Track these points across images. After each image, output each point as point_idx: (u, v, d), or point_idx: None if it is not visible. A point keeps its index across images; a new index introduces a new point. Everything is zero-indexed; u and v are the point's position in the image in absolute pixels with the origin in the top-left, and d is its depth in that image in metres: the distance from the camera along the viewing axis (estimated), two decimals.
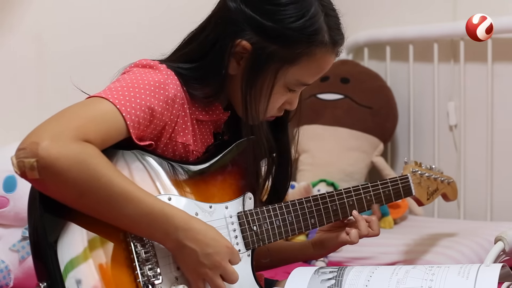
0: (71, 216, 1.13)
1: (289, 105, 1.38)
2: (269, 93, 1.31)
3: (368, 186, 1.51)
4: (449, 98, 2.66)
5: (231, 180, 1.34)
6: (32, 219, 1.14)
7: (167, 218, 1.16)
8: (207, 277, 1.20)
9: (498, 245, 1.47)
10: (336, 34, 1.32)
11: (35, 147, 1.06)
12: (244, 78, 1.30)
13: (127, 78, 1.22)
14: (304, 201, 1.42)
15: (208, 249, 1.18)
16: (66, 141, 1.07)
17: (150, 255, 1.19)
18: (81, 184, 1.09)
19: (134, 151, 1.22)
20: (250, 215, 1.34)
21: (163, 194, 1.23)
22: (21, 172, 1.08)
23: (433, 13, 2.69)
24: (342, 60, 2.84)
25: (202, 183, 1.30)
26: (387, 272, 1.26)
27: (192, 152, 1.31)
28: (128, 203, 1.12)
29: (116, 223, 1.15)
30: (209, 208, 1.29)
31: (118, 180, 1.12)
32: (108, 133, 1.15)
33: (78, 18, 2.13)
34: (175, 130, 1.26)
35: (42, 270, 1.12)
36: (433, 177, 1.74)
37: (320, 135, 2.64)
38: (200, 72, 1.30)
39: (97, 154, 1.11)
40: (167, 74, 1.25)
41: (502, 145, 2.54)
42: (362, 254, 2.13)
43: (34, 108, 2.01)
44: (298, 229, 1.40)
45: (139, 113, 1.18)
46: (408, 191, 1.61)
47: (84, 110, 1.15)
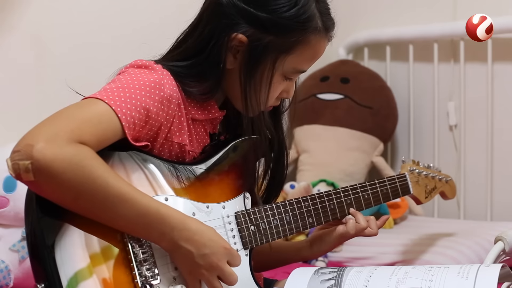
0: (68, 217, 1.13)
1: (286, 94, 1.37)
2: (269, 83, 1.31)
3: (366, 185, 1.51)
4: (449, 98, 2.66)
5: (228, 180, 1.34)
6: (29, 221, 1.14)
7: (162, 219, 1.15)
8: (204, 277, 1.20)
9: (498, 245, 1.47)
10: (328, 19, 1.33)
11: (30, 149, 1.06)
12: (242, 71, 1.30)
13: (122, 79, 1.21)
14: (301, 200, 1.42)
15: (205, 249, 1.18)
16: (61, 143, 1.07)
17: (148, 255, 1.19)
18: (77, 186, 1.08)
19: (130, 152, 1.21)
20: (247, 215, 1.34)
21: (160, 195, 1.23)
22: (16, 174, 1.08)
23: (433, 13, 2.69)
24: (342, 60, 2.84)
25: (199, 183, 1.30)
26: (387, 272, 1.27)
27: (188, 153, 1.31)
28: (123, 204, 1.12)
29: (112, 224, 1.15)
30: (206, 208, 1.29)
31: (113, 182, 1.11)
32: (103, 134, 1.14)
33: (77, 18, 2.13)
34: (171, 130, 1.26)
35: (40, 271, 1.12)
36: (431, 176, 1.74)
37: (320, 135, 2.65)
38: (197, 69, 1.30)
39: (92, 156, 1.11)
40: (162, 74, 1.24)
41: (502, 145, 2.54)
42: (361, 254, 2.13)
43: (34, 108, 2.01)
44: (296, 228, 1.40)
45: (135, 114, 1.17)
46: (406, 190, 1.62)
47: (79, 112, 1.14)
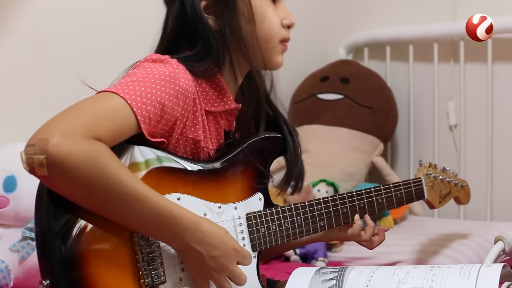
0: (78, 214, 1.13)
1: (286, 19, 1.36)
2: (256, 12, 1.31)
3: (381, 189, 1.50)
4: (449, 98, 2.66)
5: (242, 179, 1.34)
6: (40, 217, 1.14)
7: (175, 219, 1.15)
8: (213, 279, 1.20)
9: (498, 245, 1.47)
10: None
11: (45, 144, 1.05)
12: (225, 19, 1.30)
13: (137, 73, 1.21)
14: (314, 203, 1.41)
15: (215, 251, 1.18)
16: (76, 139, 1.07)
17: (155, 255, 1.19)
18: (90, 182, 1.08)
19: (144, 147, 1.20)
20: (258, 217, 1.34)
21: (173, 194, 1.22)
22: (30, 168, 1.07)
23: (433, 13, 2.69)
24: (342, 60, 2.84)
25: (212, 183, 1.29)
26: (388, 272, 1.26)
27: (203, 149, 1.31)
28: (137, 203, 1.12)
29: (124, 222, 1.14)
30: (218, 209, 1.29)
31: (127, 180, 1.11)
32: (119, 129, 1.14)
33: (77, 17, 2.13)
34: (186, 125, 1.26)
35: (47, 267, 1.12)
36: (447, 180, 1.71)
37: (320, 135, 2.64)
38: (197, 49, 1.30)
39: (107, 153, 1.10)
40: (178, 68, 1.24)
41: (502, 145, 2.54)
42: (362, 254, 2.13)
43: (34, 108, 2.01)
44: (306, 231, 1.40)
45: (150, 108, 1.17)
46: (421, 195, 1.60)
47: (94, 106, 1.14)
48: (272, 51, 1.34)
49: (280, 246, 1.39)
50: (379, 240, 1.51)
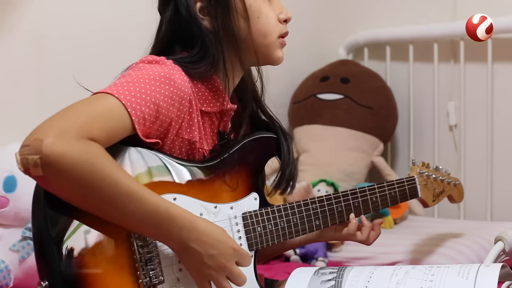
0: (75, 215, 1.13)
1: (282, 14, 1.36)
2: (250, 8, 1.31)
3: (374, 188, 1.51)
4: (449, 98, 2.66)
5: (237, 179, 1.34)
6: (36, 218, 1.14)
7: (171, 219, 1.15)
8: (212, 278, 1.20)
9: (498, 245, 1.47)
10: None
11: (39, 144, 1.05)
12: (220, 19, 1.30)
13: (132, 74, 1.21)
14: (309, 202, 1.42)
15: (212, 250, 1.18)
16: (70, 139, 1.07)
17: (153, 255, 1.19)
18: (85, 183, 1.08)
19: (139, 149, 1.21)
20: (254, 216, 1.34)
21: (169, 194, 1.22)
22: (25, 169, 1.07)
23: (433, 13, 2.69)
24: (342, 60, 2.84)
25: (208, 183, 1.30)
26: (387, 273, 1.27)
27: (198, 150, 1.31)
28: (132, 203, 1.12)
29: (120, 222, 1.15)
30: (214, 209, 1.29)
31: (123, 180, 1.11)
32: (113, 130, 1.14)
33: (77, 18, 2.13)
34: (182, 126, 1.26)
35: (45, 268, 1.12)
36: (440, 179, 1.73)
37: (320, 135, 2.64)
38: (193, 51, 1.30)
39: (102, 153, 1.10)
40: (173, 69, 1.24)
41: (502, 145, 2.54)
42: (361, 254, 2.13)
43: (34, 108, 2.01)
44: (302, 230, 1.40)
45: (144, 109, 1.17)
46: (414, 193, 1.61)
47: (89, 107, 1.14)
48: (271, 46, 1.34)
49: (277, 246, 1.39)
50: (375, 235, 1.52)
